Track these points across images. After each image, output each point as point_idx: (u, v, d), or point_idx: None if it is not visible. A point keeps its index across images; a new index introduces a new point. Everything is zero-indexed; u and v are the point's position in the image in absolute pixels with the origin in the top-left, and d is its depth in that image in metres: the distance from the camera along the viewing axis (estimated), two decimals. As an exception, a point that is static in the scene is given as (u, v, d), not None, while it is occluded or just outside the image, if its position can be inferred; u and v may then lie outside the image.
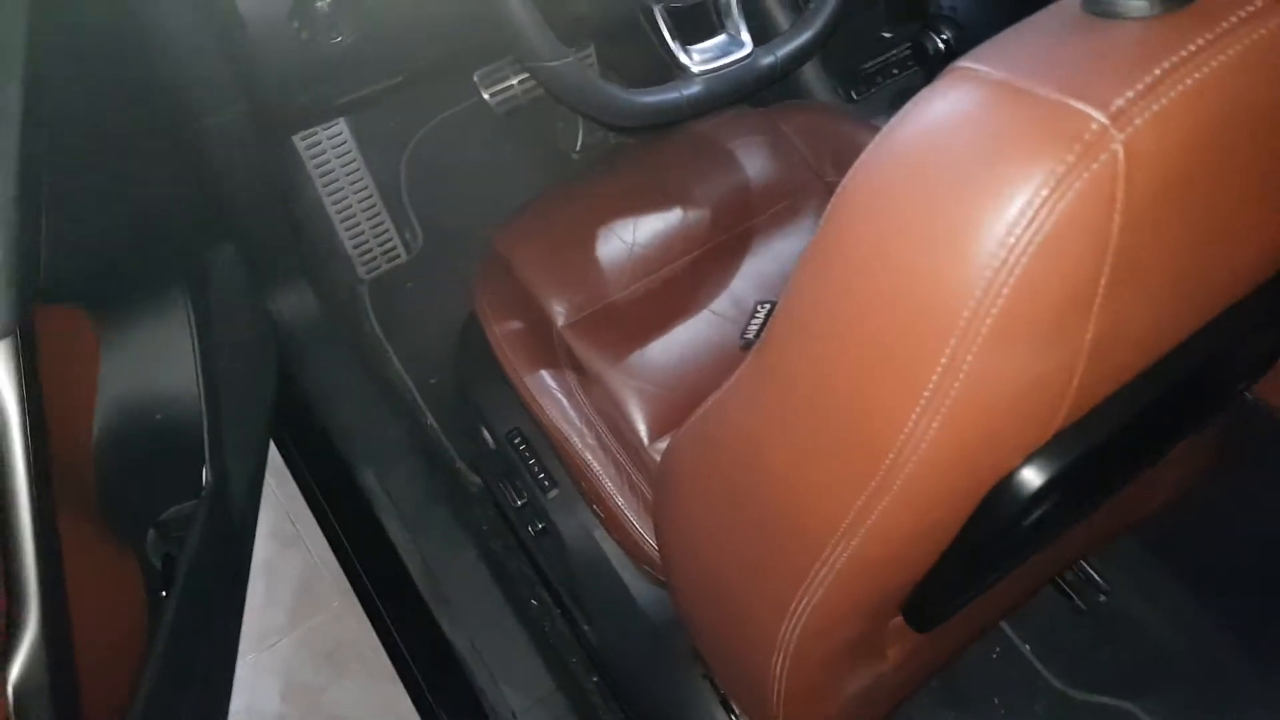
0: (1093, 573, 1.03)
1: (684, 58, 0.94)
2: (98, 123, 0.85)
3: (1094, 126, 0.33)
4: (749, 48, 0.96)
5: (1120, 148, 0.33)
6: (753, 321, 0.64)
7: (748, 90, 0.97)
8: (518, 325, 0.93)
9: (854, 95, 1.28)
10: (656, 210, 0.98)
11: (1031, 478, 0.43)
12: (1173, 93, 0.34)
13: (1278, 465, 0.91)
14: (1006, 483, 0.43)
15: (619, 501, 0.84)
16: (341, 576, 1.24)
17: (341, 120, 1.31)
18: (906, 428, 0.39)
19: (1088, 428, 0.42)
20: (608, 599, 0.92)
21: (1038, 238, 0.33)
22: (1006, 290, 0.34)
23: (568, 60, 0.86)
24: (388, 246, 1.35)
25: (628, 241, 0.96)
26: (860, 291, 0.39)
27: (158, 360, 0.96)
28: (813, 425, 0.44)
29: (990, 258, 0.34)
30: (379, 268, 1.34)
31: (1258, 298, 0.46)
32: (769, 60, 0.97)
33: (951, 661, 0.80)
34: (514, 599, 1.09)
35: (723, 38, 0.98)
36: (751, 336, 0.63)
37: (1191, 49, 0.34)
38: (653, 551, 0.82)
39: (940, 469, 0.41)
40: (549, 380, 0.90)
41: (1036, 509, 0.45)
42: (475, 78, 1.37)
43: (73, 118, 0.77)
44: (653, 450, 0.85)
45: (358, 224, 1.33)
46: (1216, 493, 0.90)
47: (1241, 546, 1.01)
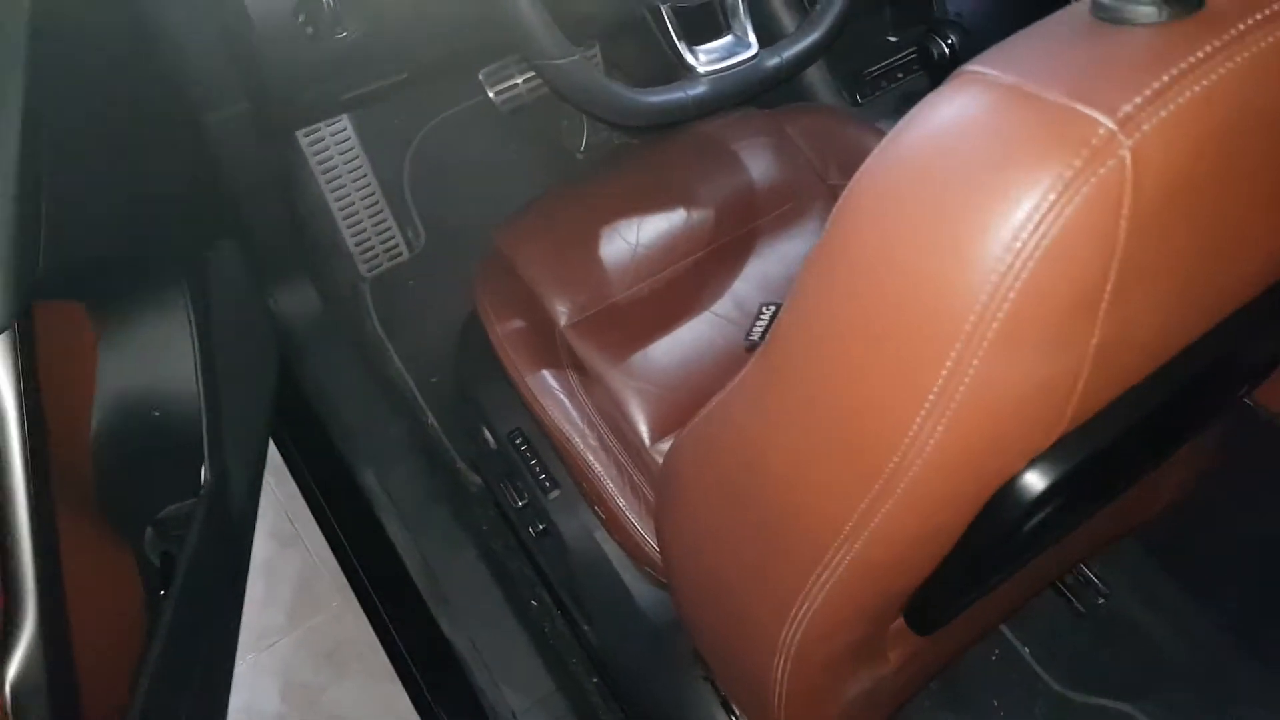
0: (1092, 575, 1.03)
1: (690, 58, 0.94)
2: (99, 117, 0.85)
3: (1101, 132, 0.33)
4: (755, 49, 0.96)
5: (1128, 153, 0.33)
6: (757, 323, 0.64)
7: (753, 91, 0.97)
8: (519, 324, 0.93)
9: (859, 98, 1.28)
10: (660, 211, 0.98)
11: (1035, 482, 0.43)
12: (1181, 99, 0.34)
13: (1276, 469, 0.91)
14: (1010, 487, 0.43)
15: (620, 503, 0.84)
16: (341, 576, 1.24)
17: (345, 117, 1.30)
18: (911, 431, 0.39)
19: (1091, 432, 0.42)
20: (608, 600, 0.92)
21: (1044, 242, 0.33)
22: (1012, 295, 0.34)
23: (574, 58, 0.86)
24: (390, 244, 1.35)
25: (631, 242, 0.96)
26: (866, 294, 0.39)
27: (157, 357, 0.96)
28: (817, 427, 0.44)
29: (996, 262, 0.34)
30: (381, 266, 1.34)
31: (1262, 303, 0.46)
32: (775, 62, 0.97)
33: (952, 664, 0.80)
34: (514, 599, 1.09)
35: (729, 38, 0.98)
36: (756, 338, 0.63)
37: (1200, 55, 0.34)
38: (654, 553, 0.82)
39: (944, 473, 0.40)
40: (551, 380, 0.90)
41: (1039, 513, 0.45)
42: (480, 76, 1.37)
43: (74, 112, 0.77)
44: (654, 451, 0.85)
45: (360, 221, 1.33)
46: (1215, 496, 0.90)
47: (1240, 549, 1.01)
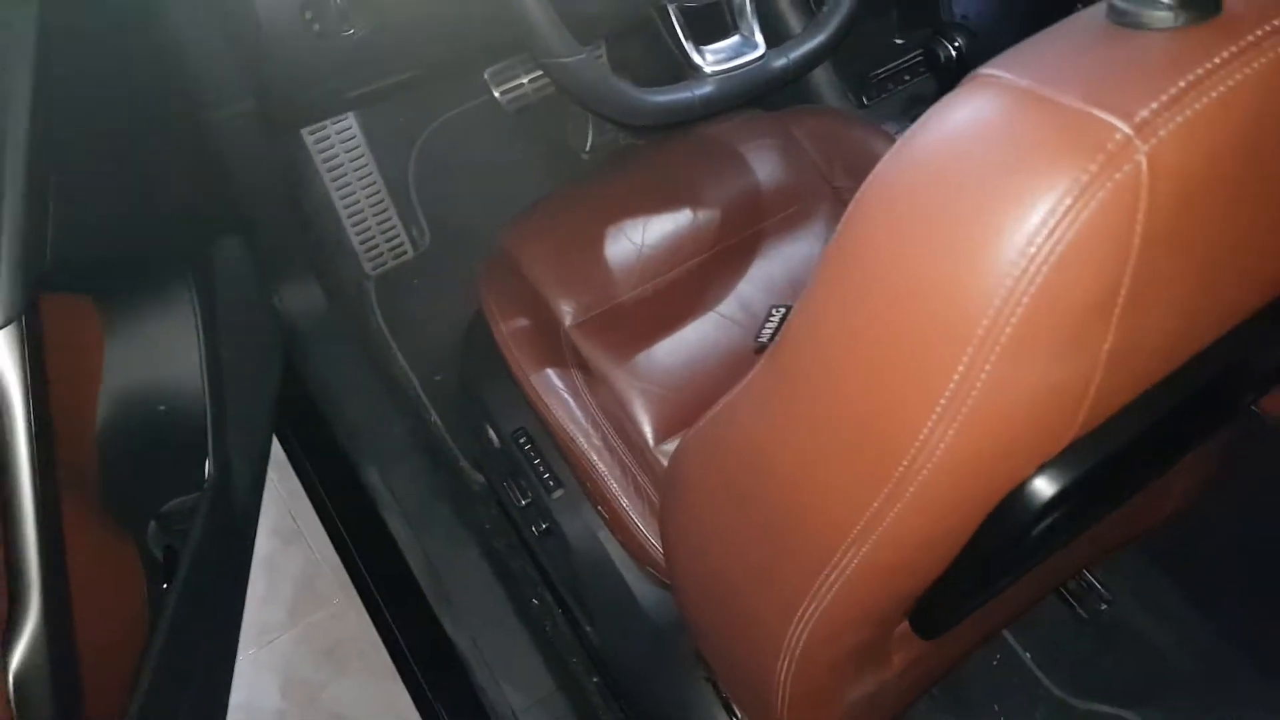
0: (1095, 581, 1.03)
1: (697, 58, 0.94)
2: (105, 114, 0.85)
3: (1118, 137, 0.33)
4: (762, 49, 0.96)
5: (1144, 159, 0.33)
6: (766, 325, 0.64)
7: (759, 91, 0.97)
8: (524, 324, 0.93)
9: (865, 100, 1.28)
10: (666, 212, 0.98)
11: (1044, 487, 0.43)
12: (1198, 105, 0.33)
13: (1279, 476, 0.91)
14: (1019, 492, 0.43)
15: (624, 503, 0.84)
16: (343, 573, 1.24)
17: (351, 115, 1.30)
18: (922, 435, 0.39)
19: (1102, 438, 0.42)
20: (610, 600, 0.92)
21: (1059, 247, 0.33)
22: (1026, 300, 0.34)
23: (581, 57, 0.86)
24: (395, 243, 1.35)
25: (636, 242, 0.95)
26: (878, 297, 0.39)
27: (162, 351, 0.96)
28: (826, 430, 0.44)
29: (1011, 266, 0.34)
30: (385, 264, 1.34)
31: (1274, 310, 0.46)
32: (781, 62, 0.97)
33: (954, 669, 0.80)
34: (516, 598, 1.09)
35: (736, 39, 0.98)
36: (765, 340, 0.63)
37: (1217, 61, 0.34)
38: (657, 553, 0.82)
39: (954, 476, 0.40)
40: (555, 380, 0.90)
41: (1048, 518, 0.45)
42: (486, 75, 1.37)
43: (81, 107, 0.77)
44: (658, 452, 0.85)
45: (365, 220, 1.33)
46: (1218, 503, 0.90)
47: (1243, 557, 1.01)
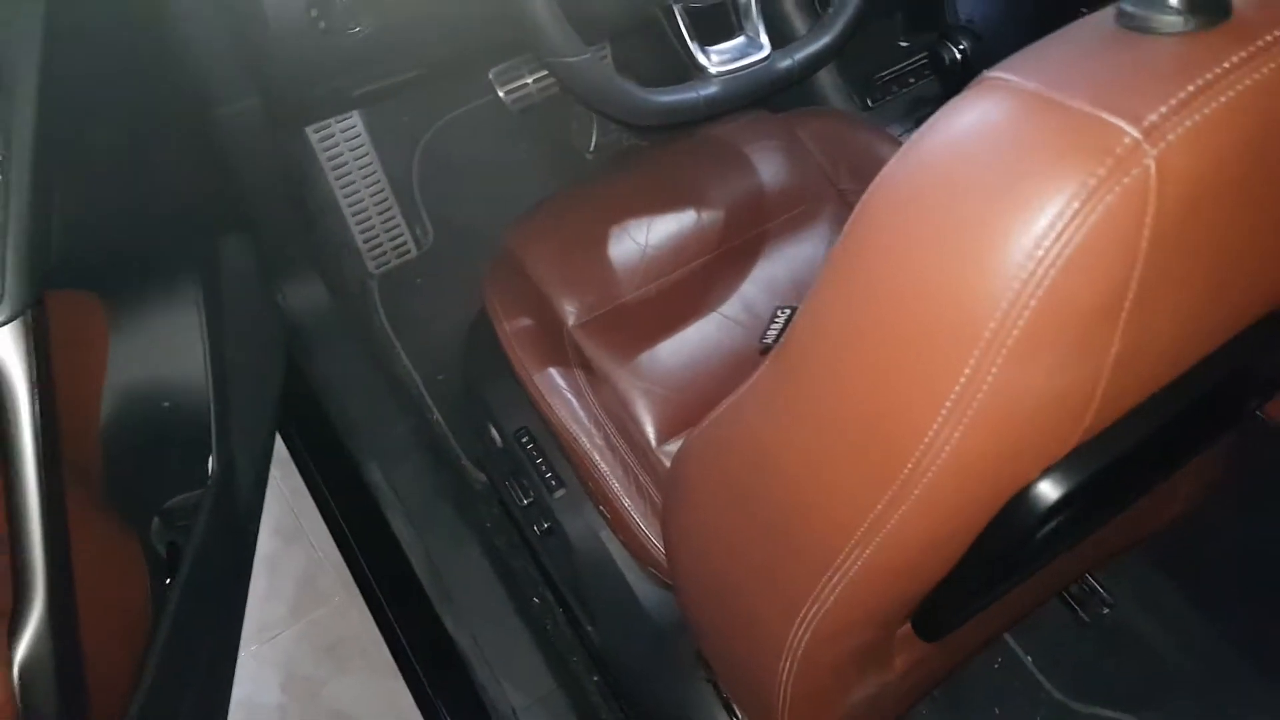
0: (1097, 585, 1.03)
1: (702, 58, 0.94)
2: (111, 110, 0.85)
3: (1126, 141, 0.33)
4: (767, 50, 0.97)
5: (1152, 163, 0.33)
6: (772, 326, 0.64)
7: (764, 92, 0.97)
8: (528, 323, 0.93)
9: (869, 103, 1.28)
10: (670, 212, 0.98)
11: (1049, 491, 0.43)
12: (1206, 109, 0.33)
13: (1282, 481, 0.91)
14: (1024, 495, 0.43)
15: (626, 503, 0.84)
16: (344, 570, 1.24)
17: (355, 113, 1.31)
18: (927, 437, 0.39)
19: (1107, 442, 0.42)
20: (612, 600, 0.92)
21: (1066, 251, 0.33)
22: (1033, 303, 0.34)
23: (586, 57, 0.86)
24: (398, 242, 1.35)
25: (640, 243, 0.95)
26: (884, 299, 0.39)
27: (167, 348, 0.96)
28: (832, 431, 0.44)
29: (1018, 269, 0.34)
30: (389, 263, 1.34)
31: None
32: (786, 64, 0.97)
33: (956, 672, 0.80)
34: (517, 597, 1.09)
35: (741, 39, 0.98)
36: (770, 341, 0.63)
37: (1226, 66, 0.34)
38: (658, 553, 0.82)
39: (959, 479, 0.40)
40: (558, 379, 0.90)
41: (1052, 522, 0.45)
42: (490, 75, 1.37)
43: (87, 104, 0.77)
44: (660, 452, 0.85)
45: (369, 218, 1.33)
46: (1221, 508, 0.90)
47: (1246, 561, 1.01)
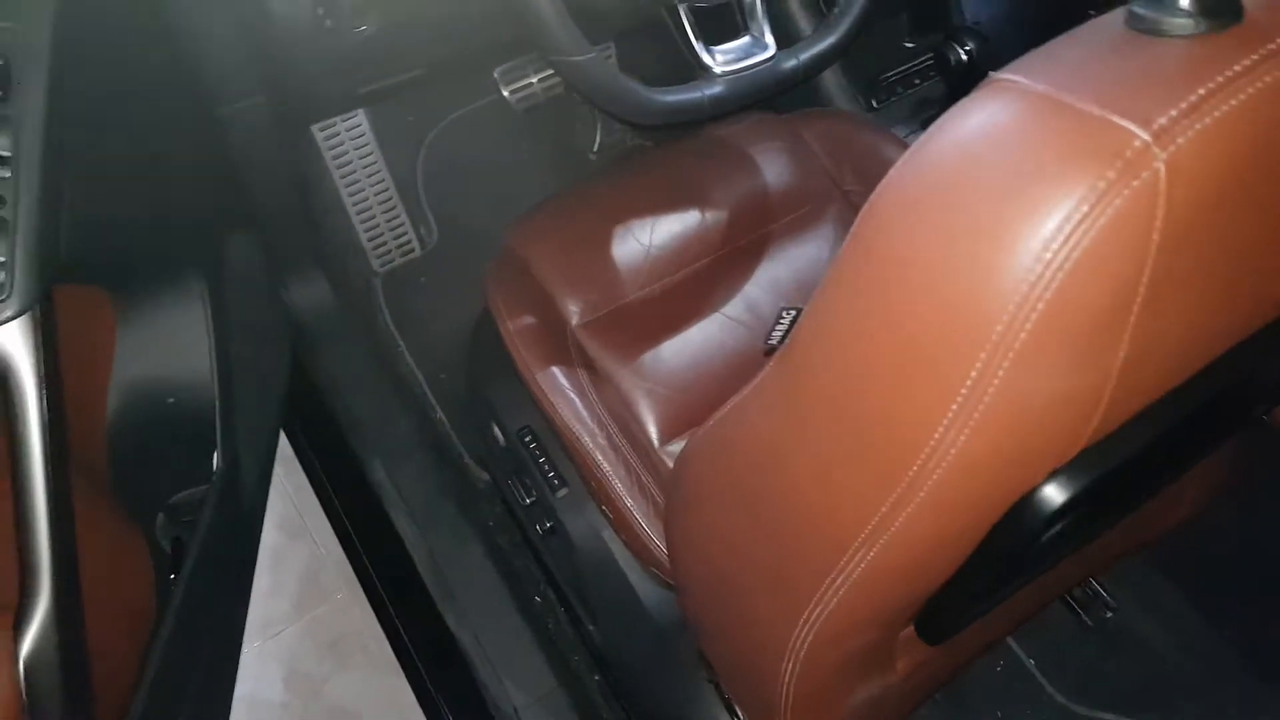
0: (1100, 589, 1.03)
1: (707, 58, 0.94)
2: (120, 107, 0.85)
3: (1136, 144, 0.33)
4: (772, 50, 0.96)
5: (1162, 166, 0.33)
6: (777, 327, 0.64)
7: (769, 92, 0.97)
8: (531, 323, 0.93)
9: (874, 104, 1.28)
10: (674, 213, 0.98)
11: (1054, 494, 0.43)
12: (1216, 113, 0.33)
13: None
14: (1029, 498, 0.43)
15: (628, 502, 0.84)
16: (347, 568, 1.25)
17: (360, 112, 1.31)
18: (934, 439, 0.39)
19: (1113, 446, 0.42)
20: (613, 599, 0.92)
21: (1075, 254, 0.33)
22: (1041, 306, 0.34)
23: (591, 56, 0.86)
24: (403, 240, 1.35)
25: (644, 243, 0.95)
26: (892, 301, 0.39)
27: (173, 344, 0.97)
28: (837, 432, 0.44)
29: (1026, 272, 0.34)
30: (393, 261, 1.35)
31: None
32: (792, 64, 0.97)
33: (958, 674, 0.80)
34: (519, 595, 1.09)
35: (746, 39, 0.98)
36: (775, 342, 0.63)
37: (1237, 69, 0.34)
38: (660, 553, 0.82)
39: (965, 481, 0.40)
40: (561, 379, 0.90)
41: (1057, 525, 0.45)
42: (495, 74, 1.37)
43: (95, 103, 0.77)
44: (663, 453, 0.85)
45: (373, 217, 1.33)
46: (1225, 512, 0.90)
47: (1249, 565, 1.00)
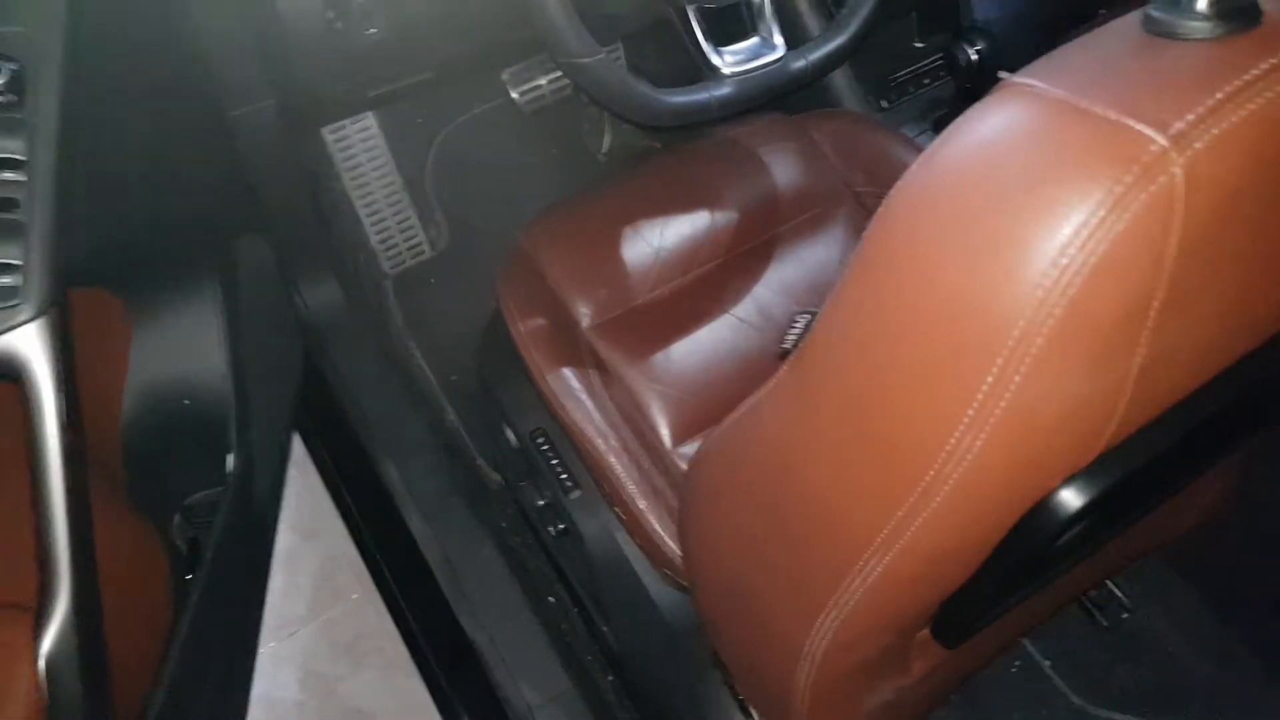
0: (1116, 590, 1.02)
1: (715, 59, 0.94)
2: (133, 113, 0.86)
3: (1153, 148, 0.33)
4: (781, 51, 0.96)
5: (1179, 171, 0.33)
6: (791, 331, 0.64)
7: (778, 93, 0.97)
8: (542, 324, 0.94)
9: (884, 104, 1.27)
10: (684, 214, 0.98)
11: (1071, 499, 0.43)
12: (1235, 117, 0.33)
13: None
14: (1045, 503, 0.43)
15: (641, 504, 0.84)
16: (361, 568, 1.25)
17: (370, 115, 1.31)
18: (949, 444, 0.39)
19: (1130, 451, 0.42)
20: (627, 601, 0.92)
21: (1092, 259, 0.33)
22: (1058, 311, 0.34)
23: (599, 58, 0.86)
24: (413, 242, 1.36)
25: (654, 245, 0.96)
26: (906, 307, 0.39)
27: (187, 347, 0.97)
28: (852, 438, 0.44)
29: (1042, 277, 0.34)
30: (404, 263, 1.35)
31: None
32: (800, 64, 0.97)
33: (973, 676, 0.80)
34: (532, 596, 1.10)
35: (755, 40, 0.98)
36: (789, 346, 0.63)
37: (1255, 73, 0.34)
38: (674, 555, 0.82)
39: (980, 487, 0.40)
40: (573, 381, 0.90)
41: (1073, 529, 0.44)
42: (504, 76, 1.37)
43: (108, 108, 0.78)
44: (675, 454, 0.85)
45: (384, 219, 1.34)
46: (1241, 514, 0.89)
47: (1265, 568, 1.00)
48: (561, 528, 0.97)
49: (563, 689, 1.04)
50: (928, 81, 1.31)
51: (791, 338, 0.62)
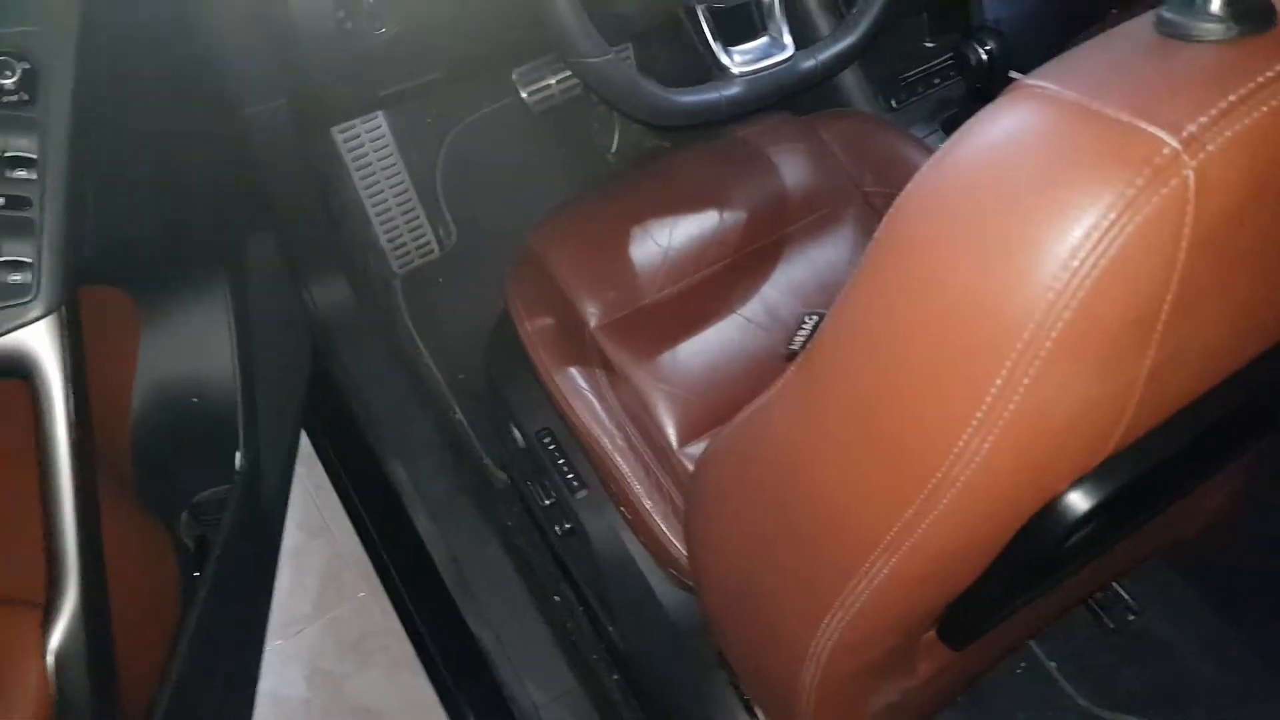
0: (1123, 592, 1.02)
1: (725, 58, 0.94)
2: (143, 112, 0.86)
3: (1165, 151, 0.33)
4: (790, 50, 0.96)
5: (1191, 173, 0.33)
6: (799, 332, 0.64)
7: (787, 92, 0.97)
8: (550, 324, 0.94)
9: (894, 104, 1.27)
10: (692, 214, 0.98)
11: (1078, 502, 0.43)
12: (1247, 119, 0.33)
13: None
14: (1053, 505, 0.43)
15: (647, 504, 0.84)
16: (368, 567, 1.25)
17: (380, 114, 1.32)
18: (957, 446, 0.39)
19: (1138, 454, 0.42)
20: (632, 600, 0.92)
21: (1102, 262, 0.33)
22: (1068, 314, 0.34)
23: (609, 57, 0.86)
24: (422, 242, 1.36)
25: (663, 245, 0.96)
26: (915, 308, 0.39)
27: (195, 345, 0.98)
28: (859, 439, 0.44)
29: (1053, 280, 0.34)
30: (412, 262, 1.35)
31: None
32: (810, 64, 0.97)
33: (979, 678, 0.80)
34: (537, 594, 1.10)
35: (764, 40, 0.97)
36: (797, 347, 0.63)
37: (1269, 75, 0.34)
38: (679, 555, 0.82)
39: (988, 489, 0.40)
40: (580, 380, 0.90)
41: (1081, 531, 0.44)
42: (513, 76, 1.37)
43: (119, 108, 0.78)
44: (681, 454, 0.85)
45: (393, 218, 1.34)
46: (1249, 515, 0.89)
47: (1273, 570, 0.99)
48: (567, 527, 0.97)
49: (568, 687, 1.04)
50: (938, 81, 1.30)
51: (800, 339, 0.63)
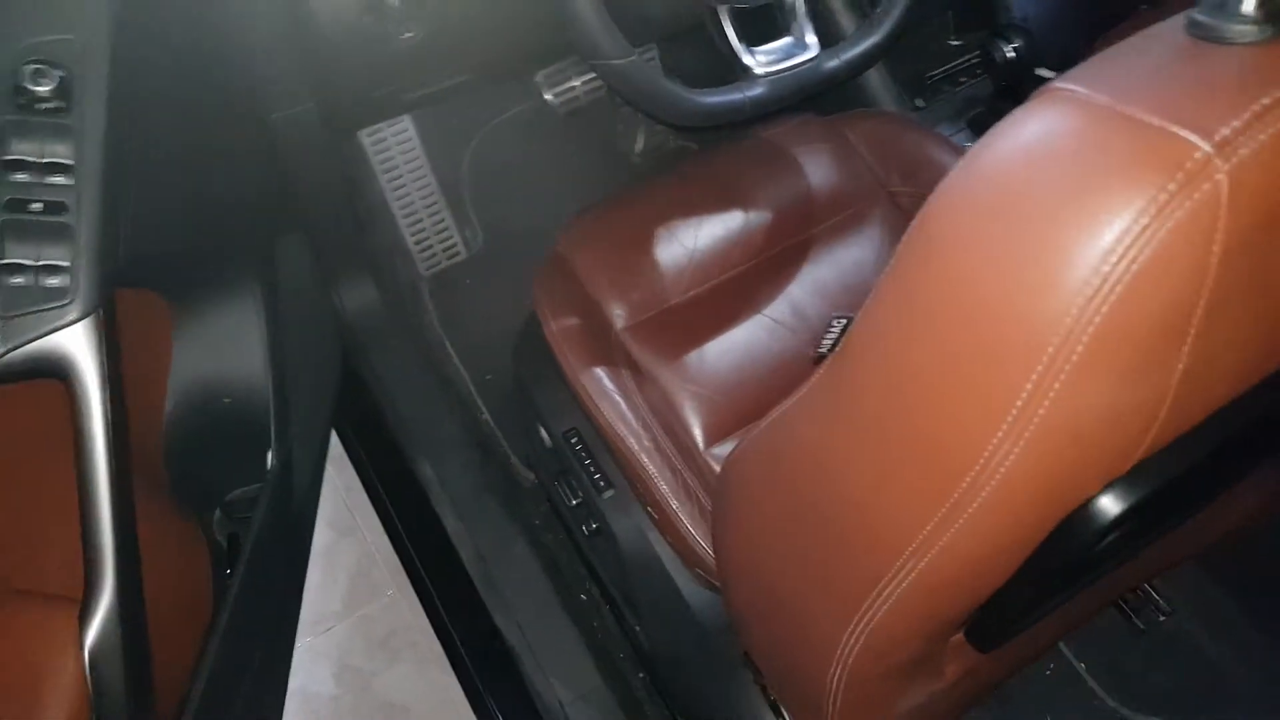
0: (1153, 593, 1.01)
1: (748, 59, 0.94)
2: (176, 117, 0.88)
3: (1197, 155, 0.32)
4: (814, 50, 0.96)
5: (1224, 178, 0.32)
6: (827, 335, 0.64)
7: (811, 92, 0.96)
8: (576, 325, 0.94)
9: (919, 103, 1.26)
10: (718, 215, 0.98)
11: (1109, 506, 0.42)
12: (1281, 123, 0.33)
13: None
14: (1083, 510, 0.43)
15: (673, 505, 0.84)
16: (397, 565, 1.27)
17: (407, 118, 1.33)
18: (987, 451, 0.38)
19: (1169, 458, 0.42)
20: (659, 599, 0.92)
21: (1134, 267, 0.33)
22: (1099, 319, 0.34)
23: (633, 59, 0.87)
24: (448, 244, 1.37)
25: (689, 246, 0.96)
26: (945, 312, 0.39)
27: (228, 346, 0.99)
28: (888, 443, 0.44)
29: (1084, 285, 0.34)
30: (439, 264, 1.37)
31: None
32: (834, 64, 0.97)
33: (1007, 680, 0.79)
34: (564, 593, 1.10)
35: (788, 40, 0.97)
36: (825, 350, 0.63)
37: (1303, 78, 0.34)
38: (706, 555, 0.82)
39: (1017, 494, 0.40)
40: (606, 381, 0.90)
41: (1111, 535, 0.44)
42: (538, 78, 1.38)
43: (152, 112, 0.80)
44: (708, 455, 0.86)
45: (420, 221, 1.35)
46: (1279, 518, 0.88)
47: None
48: (594, 527, 0.98)
49: (594, 686, 1.04)
50: (964, 80, 1.29)
51: (828, 342, 0.62)
